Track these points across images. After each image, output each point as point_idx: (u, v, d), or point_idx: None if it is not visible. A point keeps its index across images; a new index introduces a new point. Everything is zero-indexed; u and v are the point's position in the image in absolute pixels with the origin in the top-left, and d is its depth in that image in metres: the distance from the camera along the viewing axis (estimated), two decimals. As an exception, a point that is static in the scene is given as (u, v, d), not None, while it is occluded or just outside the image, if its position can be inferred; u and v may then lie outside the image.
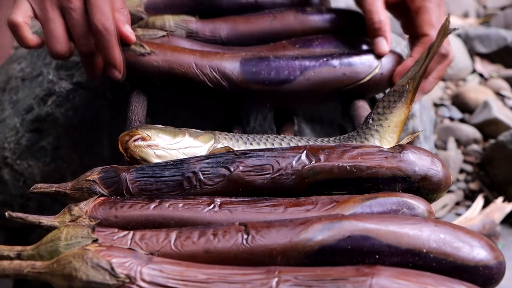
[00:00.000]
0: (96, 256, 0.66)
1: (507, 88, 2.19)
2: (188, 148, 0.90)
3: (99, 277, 0.65)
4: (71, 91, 1.24)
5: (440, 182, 0.80)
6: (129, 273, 0.65)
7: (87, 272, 0.65)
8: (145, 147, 0.88)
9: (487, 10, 2.94)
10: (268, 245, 0.69)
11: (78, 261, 0.66)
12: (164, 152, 0.89)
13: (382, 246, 0.67)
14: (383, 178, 0.79)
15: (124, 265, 0.66)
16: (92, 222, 0.77)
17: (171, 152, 0.89)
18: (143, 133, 0.89)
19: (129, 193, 0.82)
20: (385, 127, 0.92)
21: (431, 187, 0.80)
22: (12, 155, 1.28)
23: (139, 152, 0.88)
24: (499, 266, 0.69)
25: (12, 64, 1.36)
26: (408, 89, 0.92)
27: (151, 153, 0.88)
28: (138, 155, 0.88)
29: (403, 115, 0.92)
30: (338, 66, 1.03)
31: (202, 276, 0.65)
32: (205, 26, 1.12)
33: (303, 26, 1.13)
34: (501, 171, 1.79)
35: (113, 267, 0.65)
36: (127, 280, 0.65)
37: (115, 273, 0.65)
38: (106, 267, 0.65)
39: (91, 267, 0.65)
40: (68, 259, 0.66)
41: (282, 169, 0.81)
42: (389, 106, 0.92)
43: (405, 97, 0.92)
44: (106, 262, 0.65)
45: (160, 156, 0.88)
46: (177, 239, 0.71)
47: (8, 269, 0.68)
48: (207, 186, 0.82)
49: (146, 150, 0.88)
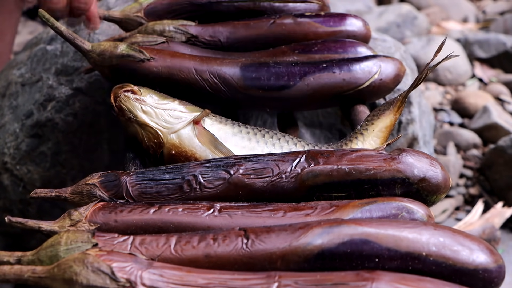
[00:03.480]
0: (96, 260, 0.66)
1: (506, 93, 2.19)
2: (174, 111, 0.94)
3: (99, 281, 0.65)
4: (71, 97, 1.24)
5: (439, 184, 0.81)
6: (129, 277, 0.65)
7: (87, 276, 0.65)
8: (134, 99, 0.93)
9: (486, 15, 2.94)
10: (268, 249, 0.69)
11: (79, 266, 0.66)
12: (150, 109, 0.93)
13: (382, 250, 0.67)
14: (382, 179, 0.80)
15: (125, 269, 0.66)
16: (92, 227, 0.77)
17: (157, 111, 0.93)
18: (135, 87, 0.95)
19: (129, 196, 0.82)
20: (369, 130, 0.95)
21: (430, 188, 0.81)
22: (12, 160, 1.28)
23: (126, 102, 0.93)
24: (498, 270, 0.69)
25: (12, 70, 1.36)
26: (397, 99, 0.97)
27: (138, 107, 0.93)
28: (125, 105, 0.93)
29: (388, 121, 0.96)
30: (337, 72, 1.04)
31: (203, 280, 0.65)
32: (205, 31, 1.13)
33: (302, 31, 1.13)
34: (501, 176, 1.79)
35: (113, 271, 0.65)
36: (128, 284, 0.65)
37: (116, 277, 0.65)
38: (107, 271, 0.65)
39: (91, 271, 0.65)
40: (68, 263, 0.66)
41: (282, 172, 0.82)
42: (378, 114, 0.97)
43: (393, 106, 0.96)
44: (106, 267, 0.65)
45: (146, 112, 0.93)
46: (177, 244, 0.71)
47: (9, 273, 0.68)
48: (207, 189, 0.82)
49: (133, 103, 0.93)
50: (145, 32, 1.12)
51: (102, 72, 1.04)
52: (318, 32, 1.13)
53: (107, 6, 1.34)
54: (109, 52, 1.01)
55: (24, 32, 2.16)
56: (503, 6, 2.94)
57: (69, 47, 1.28)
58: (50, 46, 1.32)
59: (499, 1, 3.03)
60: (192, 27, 1.13)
